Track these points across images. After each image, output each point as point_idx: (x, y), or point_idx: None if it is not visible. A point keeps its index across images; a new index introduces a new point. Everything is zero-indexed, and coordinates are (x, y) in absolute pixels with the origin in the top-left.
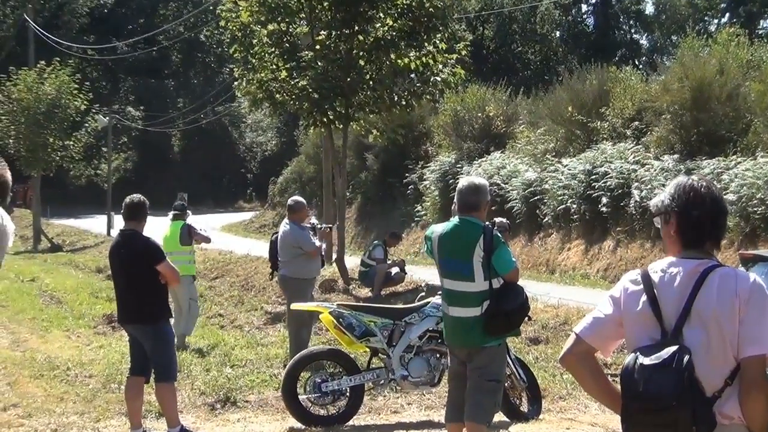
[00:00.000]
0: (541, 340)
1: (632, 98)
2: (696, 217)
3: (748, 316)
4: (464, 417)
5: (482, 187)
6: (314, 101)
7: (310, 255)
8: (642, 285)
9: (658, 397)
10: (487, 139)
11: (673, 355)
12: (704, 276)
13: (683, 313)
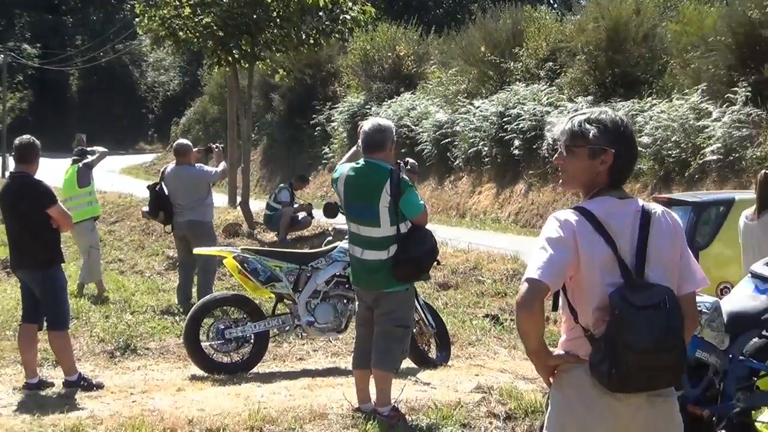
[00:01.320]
0: (450, 285)
1: (546, 38)
2: (632, 155)
3: (684, 253)
4: (371, 363)
5: (387, 127)
6: (219, 39)
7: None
8: (593, 227)
9: (671, 338)
10: (397, 79)
11: (663, 295)
12: (646, 215)
13: (640, 253)
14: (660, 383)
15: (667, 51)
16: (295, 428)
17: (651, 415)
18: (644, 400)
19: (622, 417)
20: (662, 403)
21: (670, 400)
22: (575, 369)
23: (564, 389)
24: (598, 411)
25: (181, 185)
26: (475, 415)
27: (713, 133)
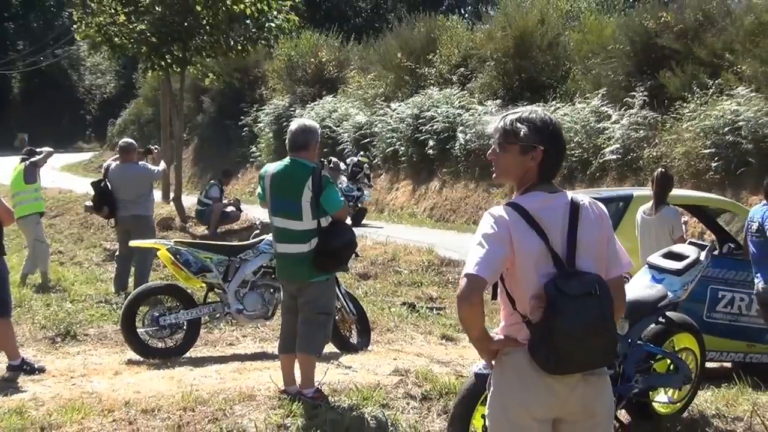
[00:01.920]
0: (370, 275)
1: (458, 46)
2: (560, 151)
3: (610, 239)
4: (296, 348)
5: (312, 128)
6: (152, 45)
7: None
8: (525, 221)
9: (600, 323)
10: (319, 83)
11: (593, 283)
12: (575, 207)
13: (570, 244)
14: (594, 364)
15: (569, 58)
16: (225, 409)
17: (586, 391)
18: (580, 378)
19: (560, 394)
20: (596, 380)
21: (604, 377)
22: (515, 352)
23: (505, 371)
24: (537, 390)
25: (126, 182)
26: (393, 396)
27: (613, 134)
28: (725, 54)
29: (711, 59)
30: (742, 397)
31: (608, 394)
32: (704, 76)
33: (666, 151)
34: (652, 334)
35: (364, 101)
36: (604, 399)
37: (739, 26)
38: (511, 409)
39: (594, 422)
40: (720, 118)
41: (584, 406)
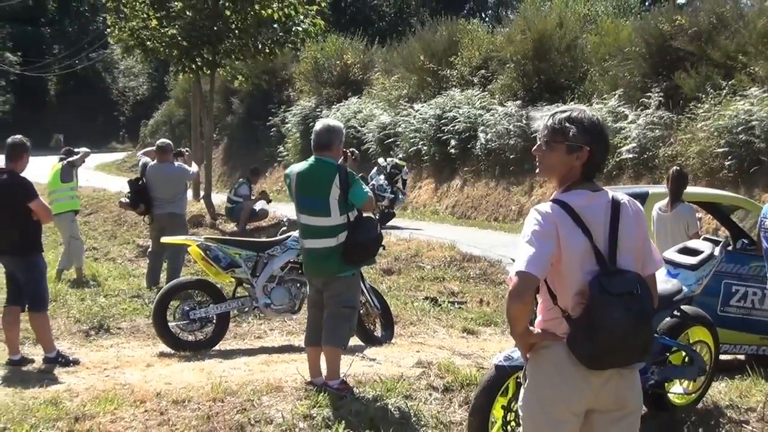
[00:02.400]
0: (393, 271)
1: (479, 49)
2: (605, 152)
3: (645, 238)
4: (322, 341)
5: (336, 128)
6: (183, 49)
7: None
8: (571, 219)
9: (640, 321)
10: (344, 85)
11: (635, 283)
12: (616, 205)
13: (612, 242)
14: (633, 360)
15: (587, 60)
16: (253, 400)
17: (619, 383)
18: (614, 371)
19: (594, 386)
20: (629, 373)
21: (635, 371)
22: (553, 346)
23: (543, 364)
24: (573, 382)
25: (163, 180)
26: (416, 387)
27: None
28: (738, 56)
29: (724, 61)
30: (755, 388)
31: (638, 385)
32: (718, 77)
33: (681, 150)
34: (667, 327)
35: (388, 102)
36: (635, 390)
37: (752, 29)
38: (548, 402)
39: (625, 413)
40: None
41: (617, 398)
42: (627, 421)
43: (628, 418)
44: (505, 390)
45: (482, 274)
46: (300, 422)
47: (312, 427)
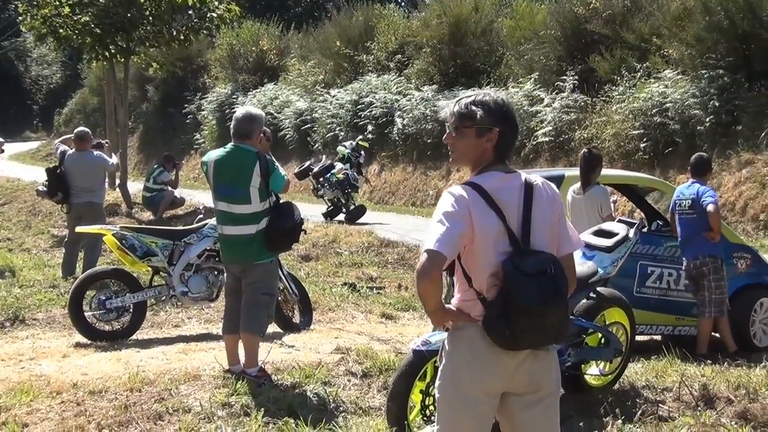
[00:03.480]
0: (311, 257)
1: (395, 33)
2: (515, 131)
3: (561, 218)
4: (240, 328)
5: (258, 117)
6: (96, 36)
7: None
8: (484, 201)
9: (556, 300)
10: (261, 71)
11: (549, 262)
12: (530, 187)
13: (525, 223)
14: (549, 340)
15: (502, 44)
16: (170, 389)
17: (534, 365)
18: (528, 353)
19: (509, 368)
20: (544, 355)
21: (552, 352)
22: (468, 327)
23: (458, 345)
24: (488, 364)
25: (83, 169)
26: (335, 373)
27: (545, 117)
28: (652, 38)
29: (639, 43)
30: (671, 369)
31: (555, 368)
32: (632, 59)
33: (596, 133)
34: (583, 309)
35: (305, 88)
36: (551, 373)
37: (666, 11)
38: (461, 382)
39: (541, 395)
40: (648, 101)
41: (531, 380)
42: (544, 404)
43: (545, 400)
44: (423, 374)
45: (400, 259)
46: (218, 410)
47: (230, 416)
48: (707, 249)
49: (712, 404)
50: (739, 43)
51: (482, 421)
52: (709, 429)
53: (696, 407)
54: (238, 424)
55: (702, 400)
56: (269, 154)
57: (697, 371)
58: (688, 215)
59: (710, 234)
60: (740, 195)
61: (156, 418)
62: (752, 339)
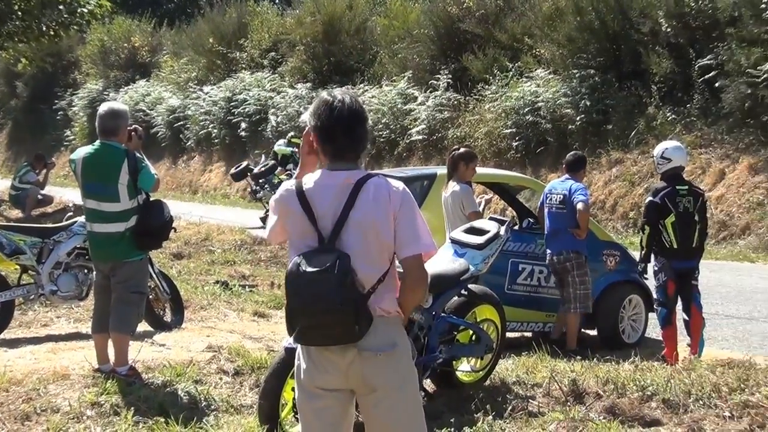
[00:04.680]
0: (183, 255)
1: (269, 31)
2: (330, 130)
3: (402, 221)
4: (110, 327)
5: (122, 112)
6: None
7: None
8: (297, 198)
9: (322, 299)
10: (132, 68)
11: (334, 261)
12: (359, 186)
13: (339, 221)
14: (335, 339)
15: (376, 42)
16: (39, 389)
17: (363, 366)
18: (355, 354)
19: (340, 366)
20: (374, 356)
21: (381, 354)
22: None
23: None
24: (317, 361)
25: None
26: (206, 372)
27: (419, 115)
28: (524, 38)
29: (511, 43)
30: (541, 365)
31: (390, 369)
32: (505, 59)
33: (469, 132)
34: (454, 306)
35: (177, 85)
36: (386, 374)
37: (538, 11)
38: (300, 377)
39: (377, 396)
40: (520, 100)
41: (365, 380)
42: (387, 402)
43: (386, 401)
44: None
45: (273, 257)
46: (88, 410)
47: (100, 415)
48: (571, 244)
49: (582, 399)
50: (609, 43)
51: (325, 415)
52: (577, 424)
53: (565, 402)
54: (108, 424)
55: (571, 396)
56: (140, 152)
57: (567, 367)
58: (558, 210)
59: (577, 231)
60: (610, 193)
61: (23, 419)
62: (621, 335)
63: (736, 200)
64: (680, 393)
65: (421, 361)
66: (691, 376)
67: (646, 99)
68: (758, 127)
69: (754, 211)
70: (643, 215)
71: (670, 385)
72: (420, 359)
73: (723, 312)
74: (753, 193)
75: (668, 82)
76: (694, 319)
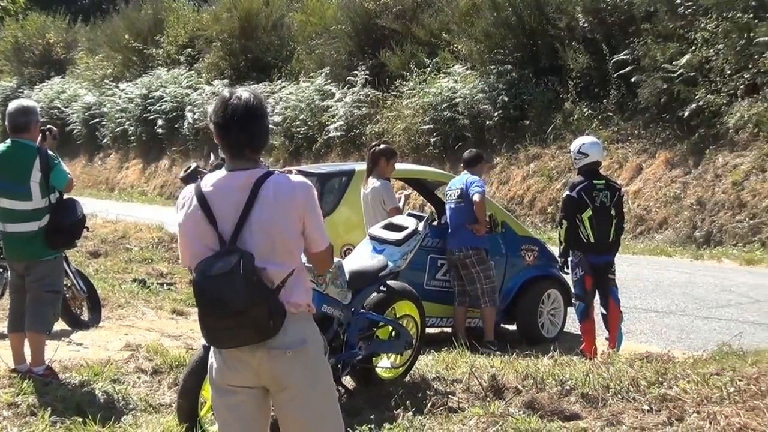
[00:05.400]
0: (100, 253)
1: (185, 27)
2: (226, 127)
3: (310, 222)
4: (25, 327)
5: (32, 109)
6: None
7: None
8: (197, 199)
9: (230, 303)
10: (47, 64)
11: (238, 261)
12: (258, 185)
13: (240, 222)
14: (246, 340)
15: (294, 38)
16: None
17: (272, 365)
18: (265, 353)
19: (250, 364)
20: (283, 355)
21: (295, 352)
22: None
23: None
24: (227, 358)
25: None
26: (124, 371)
27: (336, 111)
28: (442, 34)
29: (429, 39)
30: (460, 360)
31: (300, 367)
32: (423, 55)
33: (387, 128)
34: (374, 302)
35: (93, 82)
36: (296, 372)
37: (455, 7)
38: (212, 373)
39: (288, 394)
40: (438, 96)
41: (274, 379)
42: (298, 400)
43: (300, 396)
44: None
45: None
46: (4, 411)
47: (17, 416)
48: (470, 241)
49: (501, 394)
50: (526, 38)
51: (239, 412)
52: (497, 419)
53: (485, 398)
54: (25, 425)
55: (491, 391)
56: (55, 151)
57: (486, 362)
58: (457, 204)
59: (476, 227)
60: (528, 188)
61: None
62: (540, 330)
63: (653, 194)
64: (599, 387)
65: (340, 358)
66: (610, 370)
67: (563, 94)
68: (674, 121)
69: (670, 206)
70: (560, 210)
71: (588, 379)
72: (339, 356)
73: (641, 306)
74: (670, 187)
75: (585, 78)
76: (612, 313)
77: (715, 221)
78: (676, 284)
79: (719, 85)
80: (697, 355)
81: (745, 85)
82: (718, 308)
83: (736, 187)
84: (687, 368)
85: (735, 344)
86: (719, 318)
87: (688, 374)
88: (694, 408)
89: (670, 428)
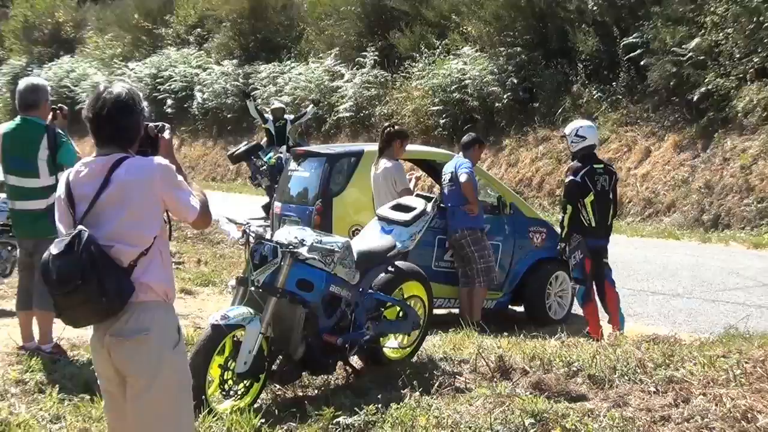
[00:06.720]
0: None
1: (195, 7)
2: (94, 120)
3: (171, 199)
4: (33, 305)
5: (42, 87)
6: None
7: None
8: (64, 185)
9: (66, 281)
10: (57, 43)
11: (72, 240)
12: (114, 168)
13: (92, 202)
14: (86, 319)
15: (303, 19)
16: None
17: (115, 353)
18: (109, 339)
19: (103, 351)
20: (125, 342)
21: (134, 341)
22: None
23: None
24: (93, 343)
25: None
26: None
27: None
28: (451, 15)
29: (438, 20)
30: (468, 341)
31: (140, 358)
32: (432, 36)
33: (396, 109)
34: (382, 282)
35: (102, 61)
36: (134, 363)
37: None
38: (95, 363)
39: (129, 385)
40: (447, 77)
41: (120, 367)
42: (134, 393)
43: (137, 389)
44: (221, 349)
45: (200, 234)
46: (12, 388)
47: (25, 393)
48: (466, 222)
49: (508, 375)
50: (536, 21)
51: (110, 400)
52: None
53: (492, 378)
54: (33, 402)
55: (498, 372)
56: (65, 130)
57: (494, 343)
58: (450, 188)
59: (469, 207)
60: (537, 171)
61: None
62: (548, 311)
63: (662, 177)
64: (606, 368)
65: (348, 338)
66: (617, 351)
67: (573, 77)
68: (683, 105)
69: (679, 189)
70: (564, 195)
71: (595, 360)
72: (347, 336)
73: (648, 288)
74: (678, 170)
75: (594, 61)
76: (609, 295)
77: (723, 205)
78: (684, 267)
79: (728, 68)
80: (704, 338)
81: (754, 68)
82: (726, 291)
83: (745, 171)
84: (694, 350)
85: (742, 327)
86: (726, 301)
87: (695, 356)
88: (701, 390)
89: (676, 410)
